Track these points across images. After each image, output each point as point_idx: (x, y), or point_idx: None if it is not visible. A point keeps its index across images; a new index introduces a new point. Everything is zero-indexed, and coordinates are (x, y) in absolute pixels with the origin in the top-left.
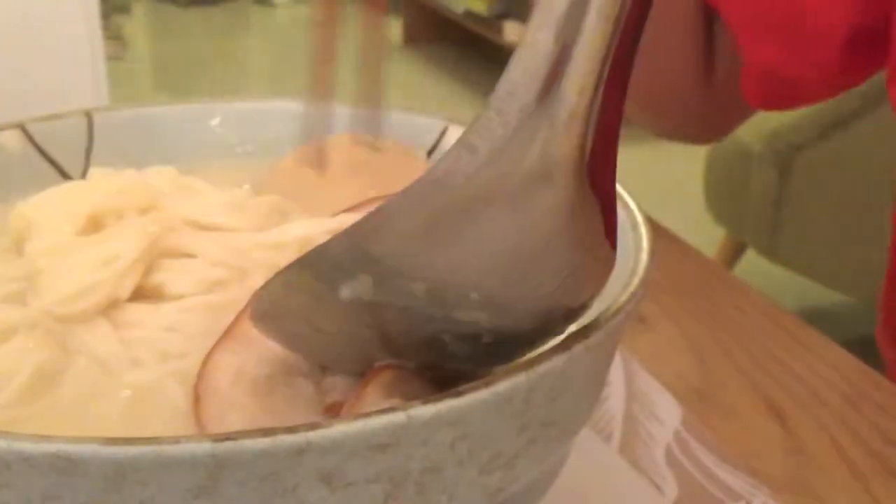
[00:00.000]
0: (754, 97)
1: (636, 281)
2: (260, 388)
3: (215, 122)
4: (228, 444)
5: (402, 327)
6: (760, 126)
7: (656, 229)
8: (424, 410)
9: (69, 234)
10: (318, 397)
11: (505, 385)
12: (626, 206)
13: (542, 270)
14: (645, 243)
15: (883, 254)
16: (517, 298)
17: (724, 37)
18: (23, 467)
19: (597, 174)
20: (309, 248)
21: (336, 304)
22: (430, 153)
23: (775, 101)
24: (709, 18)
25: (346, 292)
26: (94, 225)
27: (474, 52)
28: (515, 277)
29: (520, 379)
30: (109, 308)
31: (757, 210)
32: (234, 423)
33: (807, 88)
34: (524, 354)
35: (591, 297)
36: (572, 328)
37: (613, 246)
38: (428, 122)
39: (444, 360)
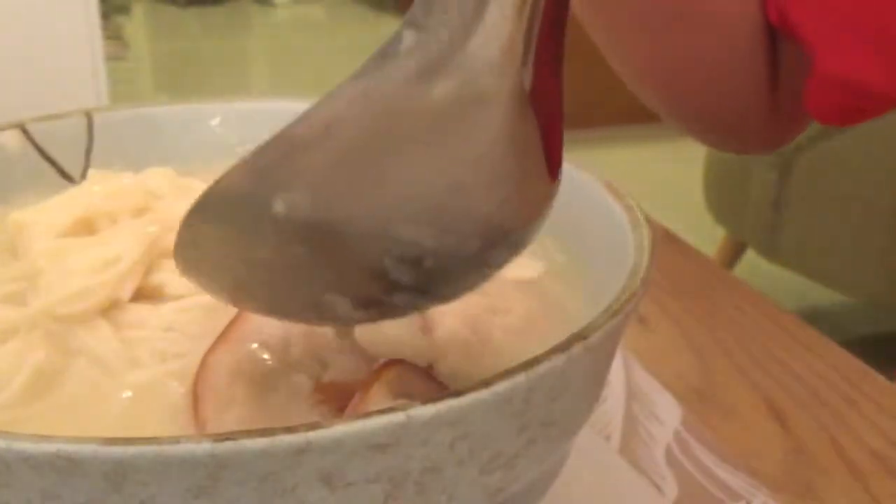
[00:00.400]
0: (825, 112)
1: (636, 281)
2: (258, 386)
3: (215, 122)
4: (228, 444)
5: (342, 252)
6: None
7: (656, 229)
8: (424, 410)
9: (64, 236)
10: (316, 395)
11: (505, 385)
12: (626, 206)
13: (478, 189)
14: (645, 243)
15: (883, 254)
16: (455, 215)
17: (787, 56)
18: (23, 467)
19: (539, 105)
20: None
21: (271, 224)
22: None
23: (850, 115)
24: (773, 39)
25: (280, 206)
26: (87, 228)
27: None
28: (452, 193)
29: (519, 379)
30: (109, 308)
31: (757, 210)
32: (233, 422)
33: (889, 99)
34: (467, 287)
35: (530, 228)
36: (572, 329)
37: (554, 178)
38: None
39: (389, 291)
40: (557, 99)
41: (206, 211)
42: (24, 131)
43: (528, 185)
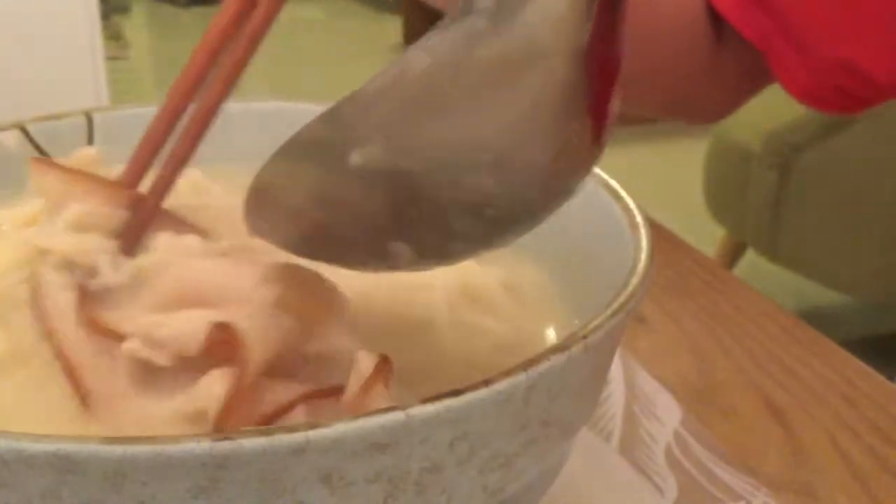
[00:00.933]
0: (819, 98)
1: (636, 281)
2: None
3: (215, 121)
4: (228, 444)
5: (411, 201)
6: (760, 126)
7: (656, 229)
8: (424, 410)
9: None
10: None
11: (504, 384)
12: (626, 206)
13: (537, 139)
14: (645, 243)
15: (882, 254)
16: (516, 164)
17: (732, 42)
18: (22, 467)
19: (591, 65)
20: None
21: (346, 172)
22: None
23: (849, 104)
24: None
25: (356, 158)
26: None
27: None
28: (515, 142)
29: (519, 378)
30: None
31: (757, 210)
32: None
33: (882, 86)
34: (519, 234)
35: (579, 178)
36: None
37: (599, 134)
38: None
39: (450, 240)
40: (613, 62)
41: (287, 156)
42: (24, 131)
43: (580, 137)
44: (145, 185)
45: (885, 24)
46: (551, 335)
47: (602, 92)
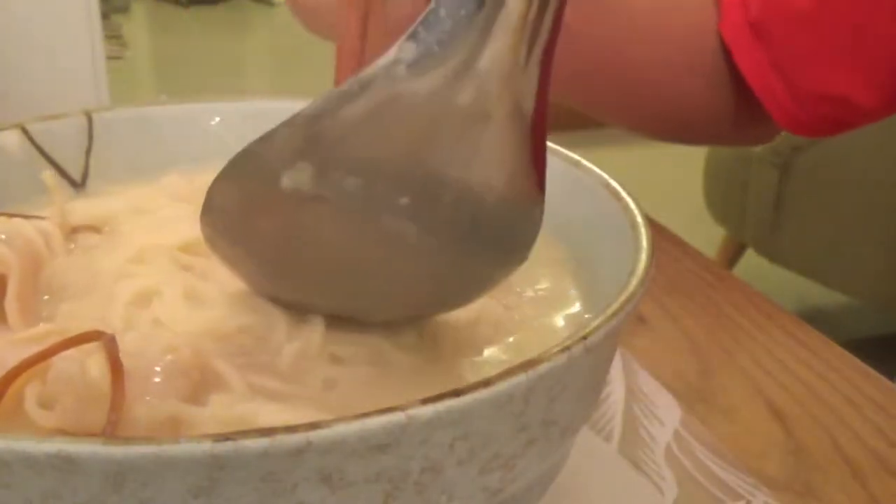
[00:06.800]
0: (806, 125)
1: (635, 281)
2: None
3: (215, 122)
4: (228, 445)
5: (337, 233)
6: None
7: (656, 229)
8: (424, 410)
9: None
10: None
11: (505, 385)
12: (626, 206)
13: (468, 197)
14: (644, 243)
15: (883, 254)
16: (442, 217)
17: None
18: (23, 467)
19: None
20: None
21: (277, 196)
22: None
23: (832, 128)
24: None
25: (286, 181)
26: None
27: None
28: (443, 192)
29: (520, 379)
30: None
31: (757, 210)
32: None
33: (869, 112)
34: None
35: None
36: (574, 331)
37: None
38: None
39: (371, 293)
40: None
41: (228, 175)
42: (24, 131)
43: (520, 196)
44: None
45: (879, 59)
46: (550, 335)
47: (538, 146)
